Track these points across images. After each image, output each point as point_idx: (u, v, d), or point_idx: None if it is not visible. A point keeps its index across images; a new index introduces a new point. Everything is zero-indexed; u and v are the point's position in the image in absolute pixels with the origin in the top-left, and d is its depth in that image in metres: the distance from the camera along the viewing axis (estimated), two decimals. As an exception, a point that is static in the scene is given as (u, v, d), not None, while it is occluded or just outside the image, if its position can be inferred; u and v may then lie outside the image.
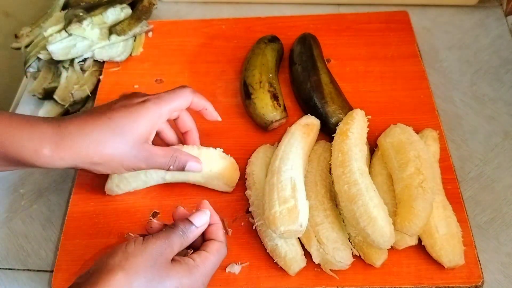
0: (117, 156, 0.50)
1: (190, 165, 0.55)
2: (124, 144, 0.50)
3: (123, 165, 0.51)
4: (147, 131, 0.51)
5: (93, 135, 0.48)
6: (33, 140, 0.47)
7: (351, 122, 0.57)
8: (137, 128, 0.50)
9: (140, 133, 0.50)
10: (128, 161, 0.51)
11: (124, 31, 0.73)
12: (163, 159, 0.53)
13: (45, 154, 0.47)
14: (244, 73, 0.67)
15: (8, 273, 0.59)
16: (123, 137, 0.49)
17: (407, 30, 0.73)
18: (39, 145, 0.47)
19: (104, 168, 0.51)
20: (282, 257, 0.52)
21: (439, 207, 0.53)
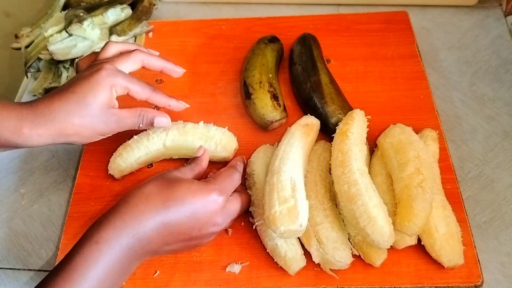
0: (87, 125, 0.54)
1: (158, 120, 0.58)
2: (91, 112, 0.53)
3: (96, 131, 0.55)
4: (108, 97, 0.54)
5: (61, 110, 0.52)
6: (12, 120, 0.52)
7: (351, 122, 0.57)
8: (99, 96, 0.53)
9: (103, 100, 0.54)
10: (100, 127, 0.55)
11: (125, 31, 0.73)
12: (131, 119, 0.56)
13: (24, 132, 0.52)
14: (244, 73, 0.67)
15: (9, 273, 0.59)
16: (88, 107, 0.53)
17: (406, 30, 0.73)
18: (18, 124, 0.52)
19: (79, 138, 0.55)
20: (282, 257, 0.52)
21: (439, 207, 0.54)
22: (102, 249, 0.45)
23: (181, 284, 0.54)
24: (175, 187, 0.49)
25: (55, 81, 0.72)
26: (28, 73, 0.74)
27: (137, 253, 0.47)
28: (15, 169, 0.67)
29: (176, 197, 0.49)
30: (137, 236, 0.47)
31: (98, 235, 0.46)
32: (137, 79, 0.57)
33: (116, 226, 0.47)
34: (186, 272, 0.55)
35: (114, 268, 0.46)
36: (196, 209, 0.49)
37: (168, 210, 0.48)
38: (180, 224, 0.49)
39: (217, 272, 0.54)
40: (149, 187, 0.49)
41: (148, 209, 0.48)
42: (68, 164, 0.67)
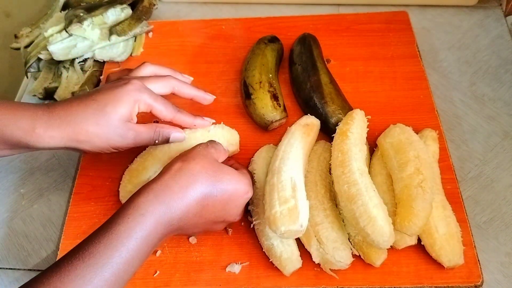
0: (101, 134, 0.52)
1: (174, 136, 0.57)
2: (108, 122, 0.52)
3: (109, 143, 0.54)
4: (129, 111, 0.53)
5: (78, 115, 0.52)
6: (26, 120, 0.51)
7: (351, 122, 0.57)
8: (119, 108, 0.53)
9: (122, 113, 0.53)
10: (114, 140, 0.53)
11: (125, 31, 0.73)
12: (147, 135, 0.55)
13: (37, 133, 0.51)
14: (244, 73, 0.67)
15: (9, 273, 0.59)
16: (106, 117, 0.52)
17: (406, 30, 0.73)
18: (32, 125, 0.51)
19: (90, 146, 0.53)
20: (278, 257, 0.52)
21: (439, 207, 0.54)
22: (145, 222, 0.45)
23: (181, 284, 0.54)
24: (221, 169, 0.50)
25: (55, 81, 0.72)
26: (28, 73, 0.74)
27: (170, 227, 0.47)
28: (15, 169, 0.67)
29: (223, 178, 0.50)
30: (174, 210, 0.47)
31: (143, 207, 0.46)
32: (162, 98, 0.56)
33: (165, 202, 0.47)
34: (186, 272, 0.55)
35: (149, 239, 0.46)
36: (234, 193, 0.50)
37: (214, 186, 0.49)
38: (217, 201, 0.50)
39: (217, 272, 0.54)
40: (197, 167, 0.49)
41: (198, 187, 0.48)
42: (68, 164, 0.67)
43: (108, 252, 0.43)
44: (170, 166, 0.49)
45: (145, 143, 0.56)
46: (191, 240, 0.56)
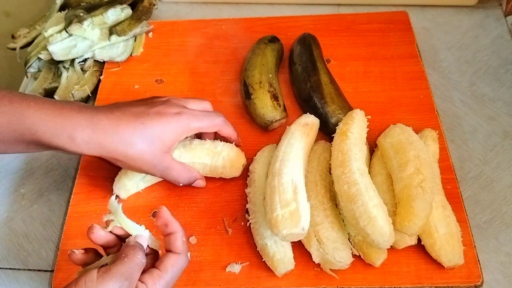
0: (138, 160, 0.52)
1: (197, 182, 0.58)
2: (150, 151, 0.52)
3: (141, 169, 0.54)
4: (172, 142, 0.54)
5: (124, 136, 0.51)
6: (66, 129, 0.50)
7: (351, 122, 0.57)
8: (165, 138, 0.53)
9: (166, 143, 0.53)
10: (147, 167, 0.54)
11: (125, 31, 0.73)
12: (177, 175, 0.56)
13: (77, 143, 0.50)
14: (244, 73, 0.67)
15: (9, 273, 0.59)
16: (151, 144, 0.52)
17: (406, 30, 0.73)
18: (72, 135, 0.50)
19: (123, 165, 0.54)
20: (270, 257, 0.52)
21: (439, 207, 0.54)
22: None
23: (181, 284, 0.54)
24: None
25: (55, 81, 0.72)
26: (28, 73, 0.74)
27: None
28: (15, 169, 0.67)
29: None
30: None
31: None
32: (207, 117, 0.57)
33: None
34: (186, 272, 0.54)
35: None
36: None
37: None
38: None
39: (217, 272, 0.54)
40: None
41: None
42: (68, 164, 0.67)
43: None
44: None
45: (171, 179, 0.56)
46: (191, 240, 0.56)
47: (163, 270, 0.45)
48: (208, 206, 0.59)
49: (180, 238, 0.46)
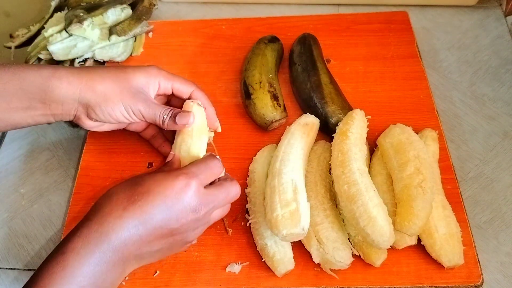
0: (117, 91, 0.53)
1: (181, 116, 0.55)
2: (126, 82, 0.54)
3: (123, 102, 0.54)
4: (146, 82, 0.55)
5: (99, 69, 0.54)
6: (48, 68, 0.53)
7: (351, 122, 0.57)
8: (139, 75, 0.55)
9: (140, 80, 0.55)
10: (128, 101, 0.54)
11: (125, 31, 0.73)
12: (157, 110, 0.55)
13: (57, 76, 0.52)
14: (244, 73, 0.67)
15: (9, 273, 0.59)
16: (125, 76, 0.54)
17: (406, 30, 0.73)
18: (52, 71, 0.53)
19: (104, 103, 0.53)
20: (270, 257, 0.52)
21: (439, 207, 0.54)
22: (68, 259, 0.42)
23: (181, 284, 0.54)
24: (139, 182, 0.46)
25: (55, 81, 0.72)
26: (28, 73, 0.74)
27: (113, 260, 0.44)
28: (15, 169, 0.67)
29: (141, 191, 0.45)
30: (108, 240, 0.43)
31: (65, 245, 0.43)
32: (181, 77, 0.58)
33: (83, 234, 0.43)
34: (186, 272, 0.55)
35: (91, 279, 0.42)
36: (165, 197, 0.45)
37: (135, 205, 0.44)
38: (152, 218, 0.45)
39: (217, 272, 0.54)
40: (114, 189, 0.47)
41: (114, 209, 0.44)
42: (68, 164, 0.67)
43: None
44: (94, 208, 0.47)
45: (151, 119, 0.55)
46: (191, 240, 0.56)
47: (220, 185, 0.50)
48: (208, 206, 0.59)
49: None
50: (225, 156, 0.62)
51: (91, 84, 0.53)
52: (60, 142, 0.69)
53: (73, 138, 0.69)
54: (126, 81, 0.54)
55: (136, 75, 0.54)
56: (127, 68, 0.55)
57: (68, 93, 0.52)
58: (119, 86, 0.53)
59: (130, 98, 0.54)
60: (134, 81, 0.54)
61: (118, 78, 0.54)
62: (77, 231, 0.44)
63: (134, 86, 0.54)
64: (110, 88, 0.53)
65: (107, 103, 0.53)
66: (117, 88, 0.53)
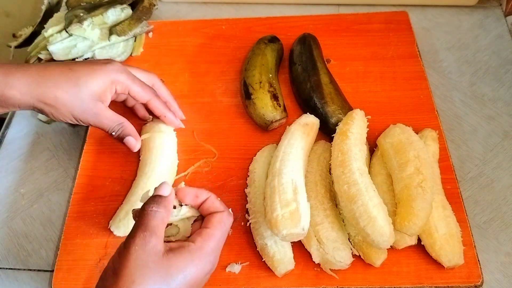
0: (68, 103, 0.53)
1: (128, 139, 0.57)
2: (77, 95, 0.53)
3: (73, 113, 0.54)
4: (102, 90, 0.54)
5: (51, 79, 0.53)
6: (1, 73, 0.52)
7: (351, 122, 0.57)
8: (92, 84, 0.53)
9: (94, 90, 0.53)
10: (78, 112, 0.54)
11: (125, 31, 0.73)
12: (109, 122, 0.56)
13: (10, 84, 0.52)
14: (244, 73, 0.67)
15: (9, 273, 0.59)
16: (77, 88, 0.53)
17: (406, 30, 0.73)
18: (5, 78, 0.52)
19: (56, 112, 0.54)
20: (270, 257, 0.52)
21: (439, 207, 0.54)
22: None
23: (181, 284, 0.54)
24: (169, 265, 0.41)
25: (55, 81, 0.72)
26: (28, 73, 0.74)
27: None
28: (15, 169, 0.67)
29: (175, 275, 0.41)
30: None
31: None
32: (141, 81, 0.57)
33: None
34: (186, 272, 0.55)
35: None
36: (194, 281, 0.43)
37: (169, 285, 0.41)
38: None
39: (217, 272, 0.54)
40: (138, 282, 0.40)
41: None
42: (68, 164, 0.67)
43: None
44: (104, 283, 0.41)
45: (104, 128, 0.56)
46: (191, 240, 0.56)
47: (211, 227, 0.45)
48: (208, 206, 0.59)
49: (215, 199, 0.48)
50: (225, 156, 0.63)
51: (43, 97, 0.53)
52: (60, 142, 0.69)
53: (73, 138, 0.69)
54: (78, 93, 0.53)
55: (89, 84, 0.53)
56: (80, 79, 0.53)
57: (22, 101, 0.53)
58: (71, 102, 0.53)
59: (80, 112, 0.54)
60: (86, 91, 0.53)
61: (69, 93, 0.53)
62: None
63: (86, 98, 0.53)
64: (60, 101, 0.53)
65: (58, 112, 0.54)
66: (68, 105, 0.53)
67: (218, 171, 0.62)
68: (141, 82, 0.57)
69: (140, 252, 0.41)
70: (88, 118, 0.55)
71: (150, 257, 0.41)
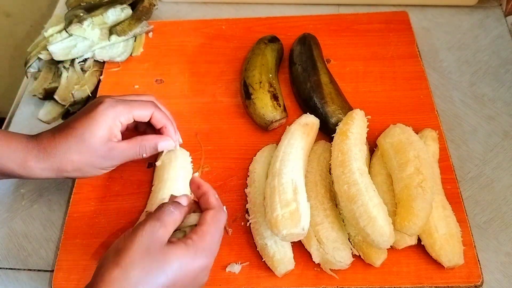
0: (86, 161, 0.53)
1: (161, 145, 0.57)
2: (89, 149, 0.53)
3: (95, 166, 0.54)
4: (107, 131, 0.53)
5: (61, 147, 0.52)
6: (19, 153, 0.52)
7: (351, 122, 0.57)
8: (97, 132, 0.53)
9: (101, 135, 0.53)
10: (99, 162, 0.54)
11: (125, 31, 0.73)
12: (132, 151, 0.55)
13: (29, 166, 0.52)
14: (244, 73, 0.67)
15: (9, 273, 0.59)
16: (86, 143, 0.52)
17: (406, 30, 0.73)
18: (25, 158, 0.52)
19: (81, 174, 0.55)
20: (270, 257, 0.52)
21: (439, 207, 0.54)
22: None
23: (181, 284, 0.54)
24: (168, 259, 0.44)
25: (55, 81, 0.72)
26: (28, 73, 0.74)
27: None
28: (15, 169, 0.67)
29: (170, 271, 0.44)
30: None
31: None
32: (138, 101, 0.56)
33: None
34: (186, 272, 0.55)
35: None
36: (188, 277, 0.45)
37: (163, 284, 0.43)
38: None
39: (217, 272, 0.54)
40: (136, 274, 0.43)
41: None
42: (68, 164, 0.67)
43: None
44: (105, 271, 0.42)
45: (131, 158, 0.56)
46: (191, 240, 0.56)
47: (204, 224, 0.47)
48: (208, 206, 0.59)
49: (212, 195, 0.50)
50: (225, 156, 0.63)
51: (63, 168, 0.53)
52: (60, 142, 0.69)
53: (73, 138, 0.69)
54: (89, 147, 0.52)
55: (94, 135, 0.52)
56: (84, 134, 0.52)
57: (43, 176, 0.53)
58: (88, 159, 0.53)
59: (100, 161, 0.54)
60: (95, 142, 0.53)
61: (82, 151, 0.52)
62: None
63: (98, 147, 0.53)
64: (80, 165, 0.53)
65: (83, 173, 0.54)
66: (88, 162, 0.53)
67: (218, 171, 0.62)
68: (139, 102, 0.56)
69: (146, 237, 0.44)
70: (112, 161, 0.55)
71: (154, 244, 0.44)
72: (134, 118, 0.56)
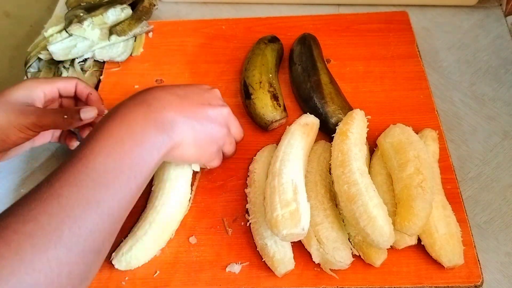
0: (4, 119, 0.52)
1: (84, 110, 0.54)
2: (6, 103, 0.53)
3: (12, 123, 0.52)
4: (27, 92, 0.54)
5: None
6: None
7: (351, 122, 0.57)
8: (16, 90, 0.54)
9: (20, 93, 0.54)
10: (14, 117, 0.52)
11: (125, 31, 0.73)
12: (53, 114, 0.54)
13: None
14: (244, 73, 0.67)
15: (9, 273, 0.59)
16: (3, 99, 0.53)
17: (406, 30, 0.73)
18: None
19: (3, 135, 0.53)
20: (270, 257, 0.52)
21: (439, 207, 0.54)
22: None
23: (181, 284, 0.54)
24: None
25: (55, 81, 0.72)
26: (28, 73, 0.74)
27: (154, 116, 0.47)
28: (15, 169, 0.67)
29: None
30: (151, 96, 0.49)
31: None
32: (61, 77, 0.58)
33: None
34: (186, 272, 0.55)
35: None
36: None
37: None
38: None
39: (217, 272, 0.54)
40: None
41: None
42: (68, 164, 0.67)
43: None
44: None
45: (57, 124, 0.54)
46: (191, 240, 0.57)
47: None
48: (208, 206, 0.59)
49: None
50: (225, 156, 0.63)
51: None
52: (60, 142, 0.69)
53: (73, 138, 0.69)
54: (7, 102, 0.53)
55: (13, 92, 0.53)
56: (4, 91, 0.54)
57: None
58: (5, 116, 0.52)
59: (17, 116, 0.53)
60: (13, 98, 0.53)
61: (3, 107, 0.52)
62: None
63: (18, 103, 0.53)
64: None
65: (5, 138, 0.53)
66: (4, 119, 0.52)
67: (218, 171, 0.62)
68: (62, 77, 0.59)
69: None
70: (31, 118, 0.53)
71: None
72: (59, 90, 0.57)
